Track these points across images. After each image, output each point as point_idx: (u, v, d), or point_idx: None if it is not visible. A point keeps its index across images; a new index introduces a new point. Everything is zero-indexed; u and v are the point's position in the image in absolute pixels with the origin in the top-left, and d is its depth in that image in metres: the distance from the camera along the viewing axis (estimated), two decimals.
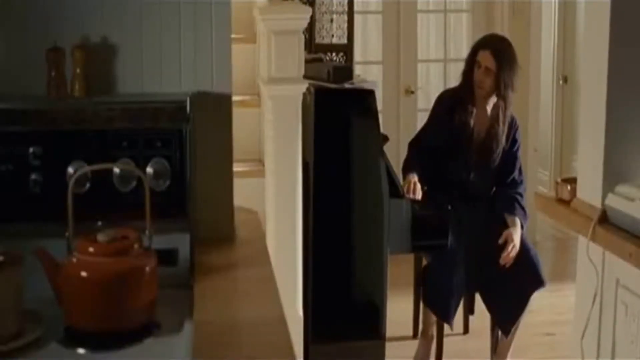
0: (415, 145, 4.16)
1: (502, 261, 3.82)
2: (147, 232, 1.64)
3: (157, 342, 1.57)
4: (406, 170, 4.04)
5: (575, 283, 2.86)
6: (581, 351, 2.70)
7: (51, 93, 1.90)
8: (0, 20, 1.92)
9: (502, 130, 3.93)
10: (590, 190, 2.68)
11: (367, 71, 6.28)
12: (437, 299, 3.97)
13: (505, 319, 3.93)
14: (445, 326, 4.15)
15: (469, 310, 4.43)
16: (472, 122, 3.95)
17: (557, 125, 7.38)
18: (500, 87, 3.89)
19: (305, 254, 3.78)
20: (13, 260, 1.57)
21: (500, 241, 3.84)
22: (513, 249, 3.83)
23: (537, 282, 3.89)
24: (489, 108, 3.95)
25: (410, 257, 4.25)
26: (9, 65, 1.94)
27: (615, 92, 2.59)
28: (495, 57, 3.89)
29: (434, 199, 3.96)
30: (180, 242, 1.83)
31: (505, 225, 3.90)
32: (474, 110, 3.95)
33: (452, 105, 4.02)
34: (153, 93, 1.97)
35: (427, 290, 4.03)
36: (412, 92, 6.29)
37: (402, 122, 6.22)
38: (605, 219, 2.57)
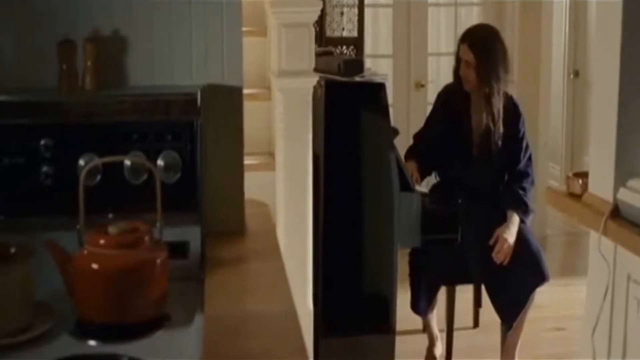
0: (416, 136, 4.26)
1: (495, 259, 3.80)
2: (157, 224, 1.64)
3: (168, 334, 1.57)
4: (405, 159, 4.08)
5: (587, 278, 2.85)
6: (592, 346, 2.69)
7: (62, 86, 1.90)
8: (12, 14, 1.92)
9: (492, 122, 3.88)
10: (601, 185, 2.67)
11: (378, 65, 6.27)
12: (414, 290, 4.05)
13: (508, 314, 3.91)
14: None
15: (477, 303, 4.42)
16: (468, 116, 3.96)
17: (568, 119, 7.36)
18: (481, 79, 3.86)
19: (316, 248, 3.80)
20: (24, 253, 1.58)
21: (491, 242, 3.82)
22: (506, 247, 3.80)
23: (539, 278, 3.86)
24: (484, 101, 3.92)
25: None
26: (21, 58, 1.94)
27: (627, 85, 2.57)
28: (472, 49, 3.87)
29: (442, 193, 3.97)
30: (191, 235, 1.83)
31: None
32: (468, 105, 3.96)
33: (446, 99, 4.07)
34: (164, 86, 1.97)
35: (411, 280, 4.08)
36: (423, 86, 6.28)
37: (412, 116, 6.21)
38: (617, 213, 2.56)
